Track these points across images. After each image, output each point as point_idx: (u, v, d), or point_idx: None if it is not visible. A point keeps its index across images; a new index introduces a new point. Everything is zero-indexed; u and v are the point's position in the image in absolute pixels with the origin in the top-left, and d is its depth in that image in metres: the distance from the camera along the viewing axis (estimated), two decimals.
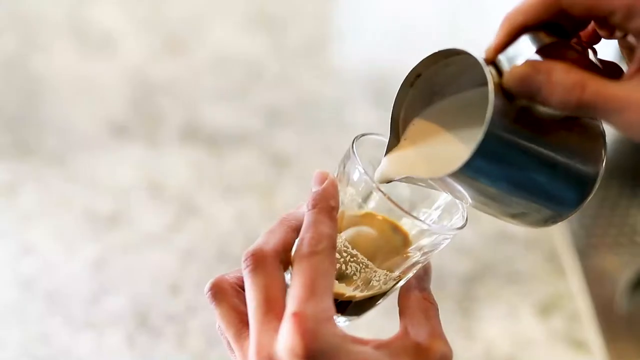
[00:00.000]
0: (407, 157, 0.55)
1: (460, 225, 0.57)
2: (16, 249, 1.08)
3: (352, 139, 0.58)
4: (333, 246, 0.50)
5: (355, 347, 0.48)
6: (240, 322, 0.52)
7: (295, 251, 0.50)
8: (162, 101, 1.36)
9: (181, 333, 0.99)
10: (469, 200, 0.53)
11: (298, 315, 0.46)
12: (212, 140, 1.28)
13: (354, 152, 0.56)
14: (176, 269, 1.06)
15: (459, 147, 0.51)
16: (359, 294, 0.59)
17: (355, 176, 0.55)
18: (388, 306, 0.60)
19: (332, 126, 1.34)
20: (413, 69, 0.54)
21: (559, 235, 1.15)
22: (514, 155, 0.48)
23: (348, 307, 0.62)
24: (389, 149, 0.56)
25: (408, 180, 0.54)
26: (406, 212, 0.54)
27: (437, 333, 0.52)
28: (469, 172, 0.48)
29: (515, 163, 0.49)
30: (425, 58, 0.52)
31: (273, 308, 0.49)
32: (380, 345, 0.50)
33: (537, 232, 1.16)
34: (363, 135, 0.59)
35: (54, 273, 1.05)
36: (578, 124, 0.50)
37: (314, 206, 0.52)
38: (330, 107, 1.39)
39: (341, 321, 0.63)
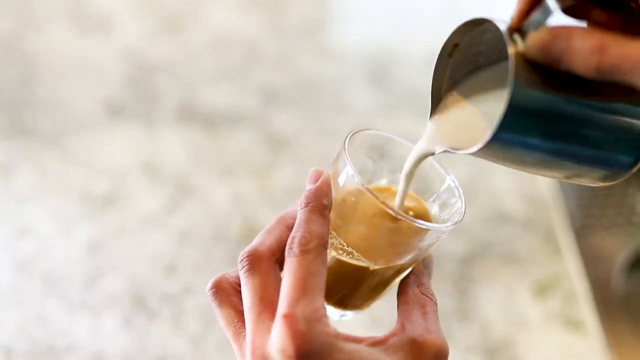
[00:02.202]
0: (444, 130, 0.54)
1: (457, 220, 0.57)
2: (12, 231, 1.08)
3: (347, 133, 0.58)
4: (324, 245, 0.50)
5: (348, 346, 0.48)
6: (239, 321, 0.53)
7: (286, 250, 0.50)
8: (159, 82, 1.35)
9: (178, 314, 0.99)
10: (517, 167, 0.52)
11: (288, 317, 0.47)
12: (210, 121, 1.28)
13: (345, 150, 0.55)
14: (173, 250, 1.06)
15: (490, 120, 0.50)
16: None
17: (346, 176, 0.55)
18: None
19: (330, 107, 1.34)
20: (448, 38, 0.52)
21: (556, 215, 1.15)
22: (545, 123, 0.47)
23: (350, 301, 0.62)
24: (430, 123, 0.55)
25: (448, 152, 0.53)
26: (399, 213, 0.54)
27: (432, 328, 0.52)
28: (498, 144, 0.47)
29: (547, 131, 0.47)
30: (458, 27, 0.51)
31: (267, 308, 0.50)
32: (375, 342, 0.50)
33: (535, 212, 1.16)
34: (357, 131, 0.59)
35: (50, 254, 1.05)
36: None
37: (306, 204, 0.53)
38: (329, 88, 1.38)
39: (348, 314, 0.64)
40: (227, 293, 0.55)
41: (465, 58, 0.53)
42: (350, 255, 0.57)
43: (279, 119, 1.29)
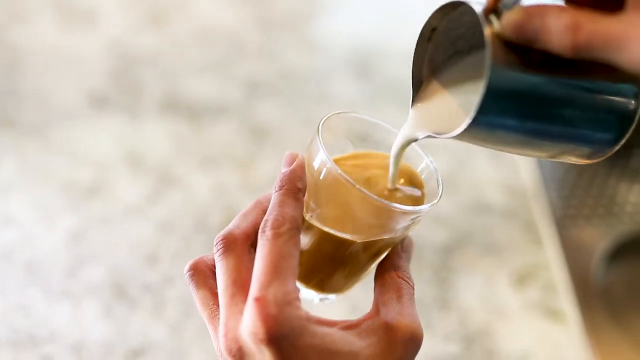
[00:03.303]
0: (426, 115, 0.54)
1: (434, 201, 0.56)
2: None
3: (322, 117, 0.57)
4: (297, 228, 0.50)
5: (320, 329, 0.48)
6: (214, 303, 0.53)
7: (259, 233, 0.50)
8: (143, 73, 1.35)
9: (158, 303, 0.99)
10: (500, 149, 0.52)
11: (260, 300, 0.47)
12: (193, 112, 1.28)
13: (319, 134, 0.55)
14: (154, 239, 1.07)
15: (470, 103, 0.50)
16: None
17: (320, 160, 0.55)
18: None
19: (313, 99, 1.34)
20: (426, 22, 0.52)
21: (536, 205, 1.16)
22: (525, 104, 0.47)
23: (329, 284, 0.62)
24: (412, 108, 0.55)
25: (431, 137, 0.52)
26: (371, 196, 0.53)
27: (407, 312, 0.52)
28: (479, 127, 0.47)
29: (528, 112, 0.47)
30: (435, 11, 0.51)
31: (240, 291, 0.50)
32: (349, 326, 0.50)
33: (515, 203, 1.16)
34: (332, 114, 0.59)
35: (32, 244, 1.05)
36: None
37: (280, 187, 0.53)
38: (312, 79, 1.39)
39: (329, 298, 0.64)
40: (204, 275, 0.55)
41: (445, 42, 0.53)
42: (326, 238, 0.57)
43: (262, 110, 1.30)
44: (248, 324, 0.47)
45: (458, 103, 0.52)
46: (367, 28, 1.53)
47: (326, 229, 0.57)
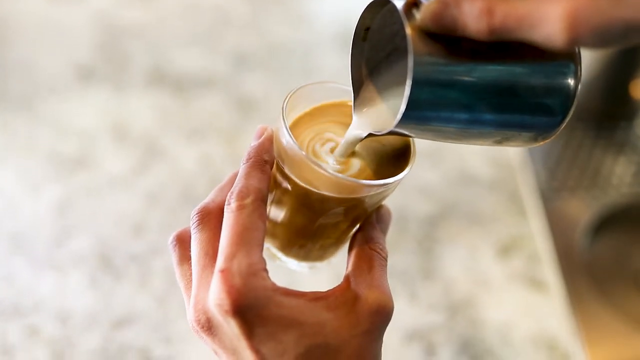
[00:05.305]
0: (367, 115, 0.54)
1: (404, 173, 0.55)
2: None
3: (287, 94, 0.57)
4: (262, 199, 0.50)
5: (287, 300, 0.48)
6: (191, 274, 0.53)
7: (225, 205, 0.50)
8: (129, 45, 1.35)
9: (144, 273, 0.99)
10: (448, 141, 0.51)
11: (224, 272, 0.47)
12: (179, 84, 1.28)
13: (283, 115, 0.54)
14: (140, 210, 1.07)
15: (402, 99, 0.50)
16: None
17: (284, 140, 0.55)
18: None
19: (299, 71, 1.34)
20: (358, 23, 0.52)
21: (522, 177, 1.16)
22: (457, 93, 0.46)
23: (307, 252, 0.63)
24: (354, 109, 0.55)
25: (373, 135, 0.52)
26: (336, 175, 0.53)
27: (376, 283, 0.52)
28: (412, 121, 0.46)
29: (461, 102, 0.47)
30: (364, 11, 0.51)
31: (212, 263, 0.50)
32: (317, 298, 0.50)
33: (501, 174, 1.17)
34: (296, 90, 0.58)
35: (18, 214, 1.05)
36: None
37: (247, 160, 0.53)
38: (299, 52, 1.38)
39: (317, 266, 0.64)
40: (185, 246, 0.55)
41: (381, 40, 0.53)
42: (296, 211, 0.57)
43: (249, 82, 1.29)
44: (214, 296, 0.47)
45: (393, 100, 0.52)
46: (354, 1, 1.53)
47: (302, 184, 0.56)
